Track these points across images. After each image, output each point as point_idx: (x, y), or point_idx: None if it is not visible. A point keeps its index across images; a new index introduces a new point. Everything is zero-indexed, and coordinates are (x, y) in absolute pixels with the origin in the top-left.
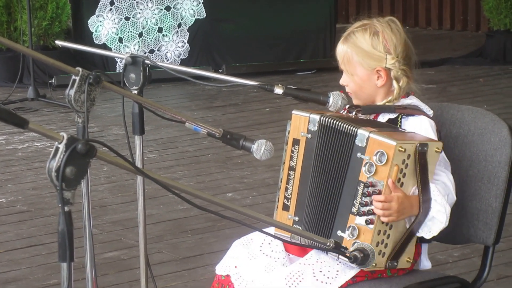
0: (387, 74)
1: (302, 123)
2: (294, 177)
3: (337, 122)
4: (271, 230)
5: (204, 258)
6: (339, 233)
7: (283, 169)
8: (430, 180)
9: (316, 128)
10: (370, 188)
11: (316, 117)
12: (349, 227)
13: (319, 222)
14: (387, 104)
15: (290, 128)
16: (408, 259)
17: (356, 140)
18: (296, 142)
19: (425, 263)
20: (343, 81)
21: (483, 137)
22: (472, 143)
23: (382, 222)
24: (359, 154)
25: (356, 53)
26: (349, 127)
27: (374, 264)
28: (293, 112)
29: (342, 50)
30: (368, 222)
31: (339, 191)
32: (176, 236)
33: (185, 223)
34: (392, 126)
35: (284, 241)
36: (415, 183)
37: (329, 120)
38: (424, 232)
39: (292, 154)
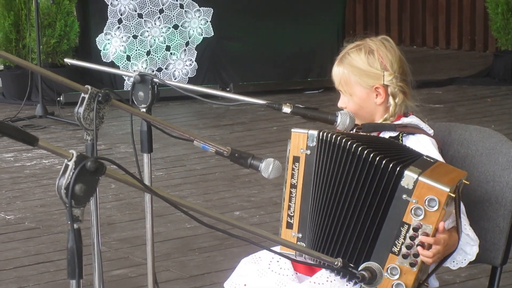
0: (385, 91)
1: (301, 140)
2: (296, 195)
3: (339, 138)
4: (279, 249)
5: (211, 276)
6: None
7: (285, 188)
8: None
9: (314, 143)
10: (418, 231)
11: (314, 132)
12: (389, 267)
13: (330, 240)
14: (385, 122)
15: (290, 146)
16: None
17: (402, 182)
18: (296, 159)
19: (433, 283)
20: (341, 103)
21: (490, 157)
22: (480, 163)
23: (423, 262)
24: (404, 196)
25: (353, 73)
26: (380, 159)
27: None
28: (292, 130)
29: (338, 72)
30: (412, 265)
31: (369, 216)
32: (183, 254)
33: (193, 241)
34: (418, 154)
35: (293, 260)
36: (454, 216)
37: (329, 135)
38: (448, 261)
39: (293, 172)
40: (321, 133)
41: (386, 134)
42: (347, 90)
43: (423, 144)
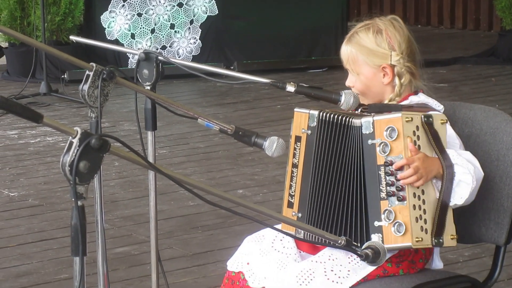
0: (392, 71)
1: (303, 120)
2: (297, 174)
3: (337, 116)
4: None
5: (214, 254)
6: (377, 223)
7: (287, 167)
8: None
9: (315, 124)
10: (390, 166)
11: (315, 113)
12: (384, 211)
13: (335, 219)
14: (391, 102)
15: (293, 126)
16: (452, 237)
17: (363, 129)
18: (298, 139)
19: (437, 263)
20: (349, 82)
21: (495, 136)
22: (484, 142)
23: (414, 196)
24: (370, 141)
25: (361, 52)
26: (352, 119)
27: (420, 239)
28: (295, 109)
29: (346, 50)
30: (400, 199)
31: (358, 184)
32: (186, 232)
33: (196, 219)
34: (393, 105)
35: (295, 238)
36: (433, 153)
37: (328, 115)
38: (456, 199)
39: (294, 151)
40: (321, 113)
41: None
42: (354, 69)
43: None
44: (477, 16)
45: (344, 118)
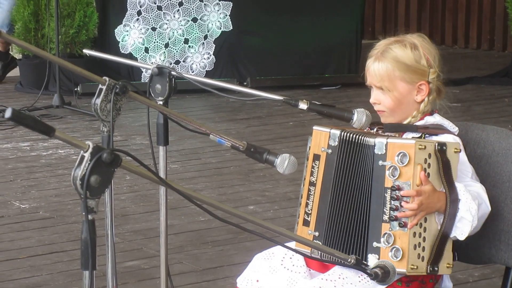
0: (428, 88)
1: (322, 138)
2: (314, 193)
3: (357, 136)
4: (292, 244)
5: (224, 270)
6: (375, 244)
7: (303, 185)
8: (455, 180)
9: (336, 143)
10: (397, 191)
11: (337, 132)
12: (384, 234)
13: (344, 238)
14: (410, 123)
15: (311, 144)
16: (448, 265)
17: (375, 149)
18: (316, 157)
19: (447, 283)
20: (376, 99)
21: (507, 157)
22: (496, 163)
23: (416, 224)
24: (380, 162)
25: (399, 68)
26: (367, 138)
27: (415, 266)
28: (314, 127)
29: (381, 67)
30: (402, 225)
31: (366, 204)
32: (197, 247)
33: (206, 235)
34: (409, 125)
35: (305, 256)
36: (441, 184)
37: (350, 135)
38: (458, 233)
39: (312, 169)
40: (343, 133)
41: (409, 135)
42: (388, 86)
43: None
44: (492, 37)
45: (362, 138)
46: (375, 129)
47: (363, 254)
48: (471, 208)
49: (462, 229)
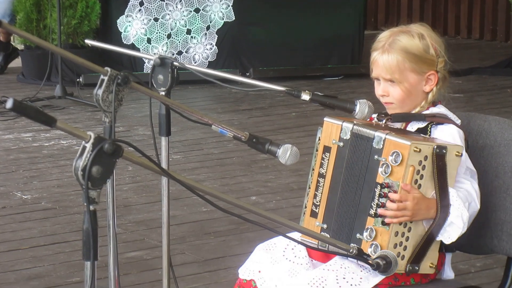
0: (437, 78)
1: (334, 130)
2: (323, 185)
3: (367, 130)
4: (294, 235)
5: (226, 260)
6: (358, 235)
7: (312, 176)
8: (451, 185)
9: (348, 136)
10: (386, 189)
11: (349, 125)
12: (367, 228)
13: (343, 228)
14: (414, 112)
15: (321, 135)
16: (431, 265)
17: (373, 143)
18: (327, 149)
19: (448, 273)
20: (384, 91)
21: (509, 148)
22: (498, 154)
23: (400, 224)
24: (376, 156)
25: (409, 59)
26: (370, 131)
27: None
28: (325, 119)
29: (390, 59)
30: (384, 223)
31: (359, 195)
32: (199, 238)
33: (208, 225)
34: (416, 133)
35: (309, 247)
36: (433, 188)
37: (361, 128)
38: (444, 237)
39: (322, 161)
40: (355, 127)
41: (415, 125)
42: (398, 77)
43: (450, 133)
44: (494, 27)
45: (369, 131)
46: (383, 121)
47: (346, 242)
48: (463, 214)
49: (450, 234)
